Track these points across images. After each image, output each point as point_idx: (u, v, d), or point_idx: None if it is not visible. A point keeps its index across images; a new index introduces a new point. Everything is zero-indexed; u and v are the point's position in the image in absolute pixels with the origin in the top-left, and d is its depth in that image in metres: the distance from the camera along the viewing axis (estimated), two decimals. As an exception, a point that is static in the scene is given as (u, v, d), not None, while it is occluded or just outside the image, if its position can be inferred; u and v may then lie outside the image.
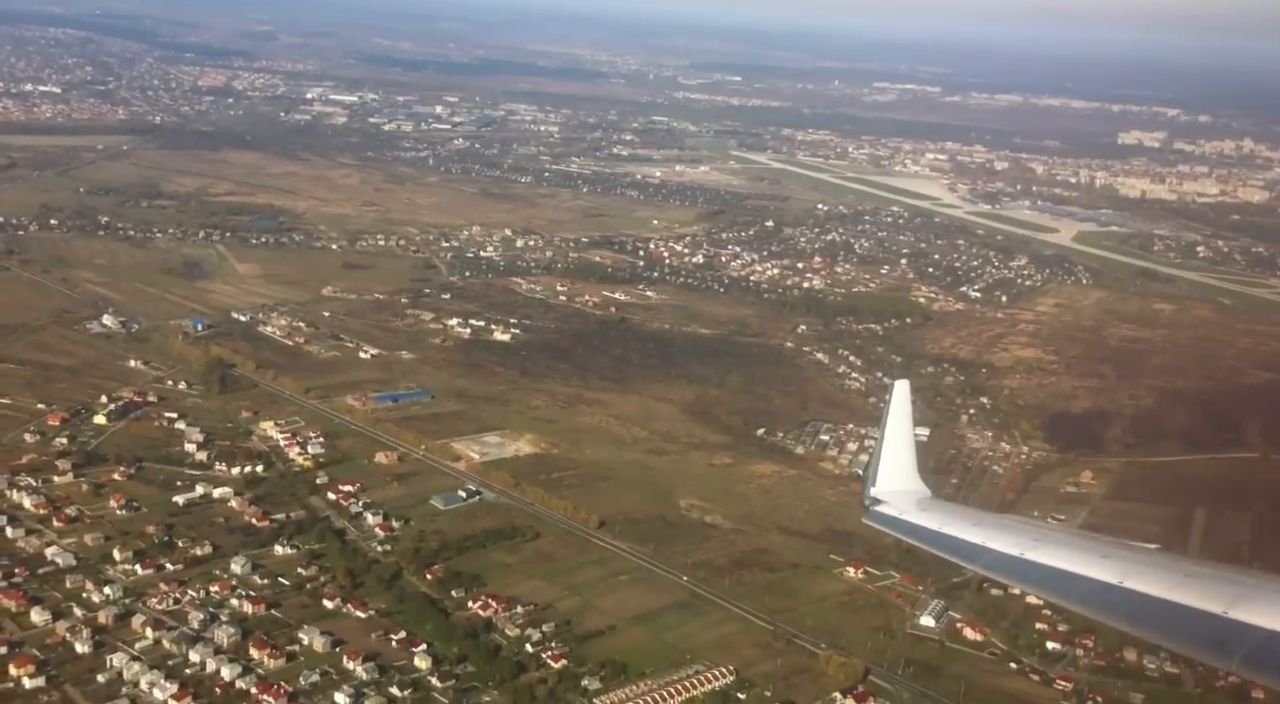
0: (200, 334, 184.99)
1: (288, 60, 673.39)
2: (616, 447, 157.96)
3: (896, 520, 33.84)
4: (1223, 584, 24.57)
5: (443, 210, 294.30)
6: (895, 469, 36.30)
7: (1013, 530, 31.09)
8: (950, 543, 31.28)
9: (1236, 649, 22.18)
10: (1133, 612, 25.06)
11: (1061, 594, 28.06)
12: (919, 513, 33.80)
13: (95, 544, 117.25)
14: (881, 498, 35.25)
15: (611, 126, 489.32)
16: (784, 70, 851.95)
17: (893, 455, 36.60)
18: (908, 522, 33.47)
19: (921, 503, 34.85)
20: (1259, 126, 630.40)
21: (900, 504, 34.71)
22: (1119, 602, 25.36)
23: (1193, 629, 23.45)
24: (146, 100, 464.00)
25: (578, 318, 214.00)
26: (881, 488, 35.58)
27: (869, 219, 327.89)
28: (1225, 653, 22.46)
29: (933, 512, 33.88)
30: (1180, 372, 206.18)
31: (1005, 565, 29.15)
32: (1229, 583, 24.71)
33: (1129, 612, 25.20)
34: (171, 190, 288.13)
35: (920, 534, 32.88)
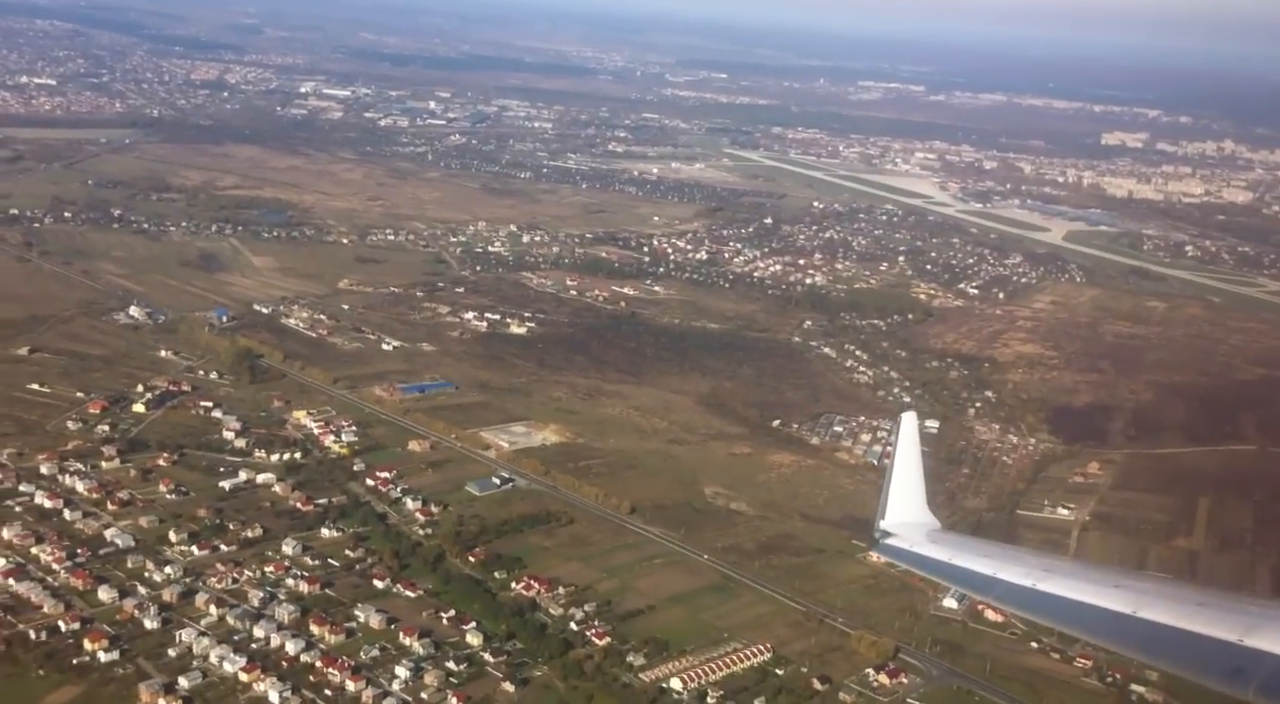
0: (225, 326, 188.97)
1: (277, 54, 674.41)
2: (638, 436, 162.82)
3: (907, 553, 34.16)
4: (1236, 612, 24.80)
5: (447, 205, 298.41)
6: (905, 502, 36.45)
7: (1023, 561, 31.42)
8: (962, 575, 31.94)
9: (1252, 677, 22.52)
10: (1147, 641, 25.41)
11: (1075, 625, 28.49)
12: (929, 545, 34.17)
13: (150, 527, 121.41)
14: (891, 530, 35.65)
15: (604, 123, 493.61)
16: (769, 68, 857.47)
17: (902, 488, 36.71)
18: (918, 554, 33.86)
19: (931, 535, 35.21)
20: (1238, 128, 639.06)
21: (910, 536, 35.04)
22: (1133, 631, 25.72)
23: (1207, 658, 23.75)
24: (142, 93, 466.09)
25: (589, 312, 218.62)
26: (891, 520, 35.94)
27: (864, 217, 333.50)
28: (1241, 681, 22.70)
29: (943, 544, 34.29)
30: (1176, 367, 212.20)
31: (1018, 597, 29.49)
32: (1242, 611, 24.92)
33: (1143, 641, 25.52)
34: (178, 184, 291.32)
35: (931, 567, 33.37)
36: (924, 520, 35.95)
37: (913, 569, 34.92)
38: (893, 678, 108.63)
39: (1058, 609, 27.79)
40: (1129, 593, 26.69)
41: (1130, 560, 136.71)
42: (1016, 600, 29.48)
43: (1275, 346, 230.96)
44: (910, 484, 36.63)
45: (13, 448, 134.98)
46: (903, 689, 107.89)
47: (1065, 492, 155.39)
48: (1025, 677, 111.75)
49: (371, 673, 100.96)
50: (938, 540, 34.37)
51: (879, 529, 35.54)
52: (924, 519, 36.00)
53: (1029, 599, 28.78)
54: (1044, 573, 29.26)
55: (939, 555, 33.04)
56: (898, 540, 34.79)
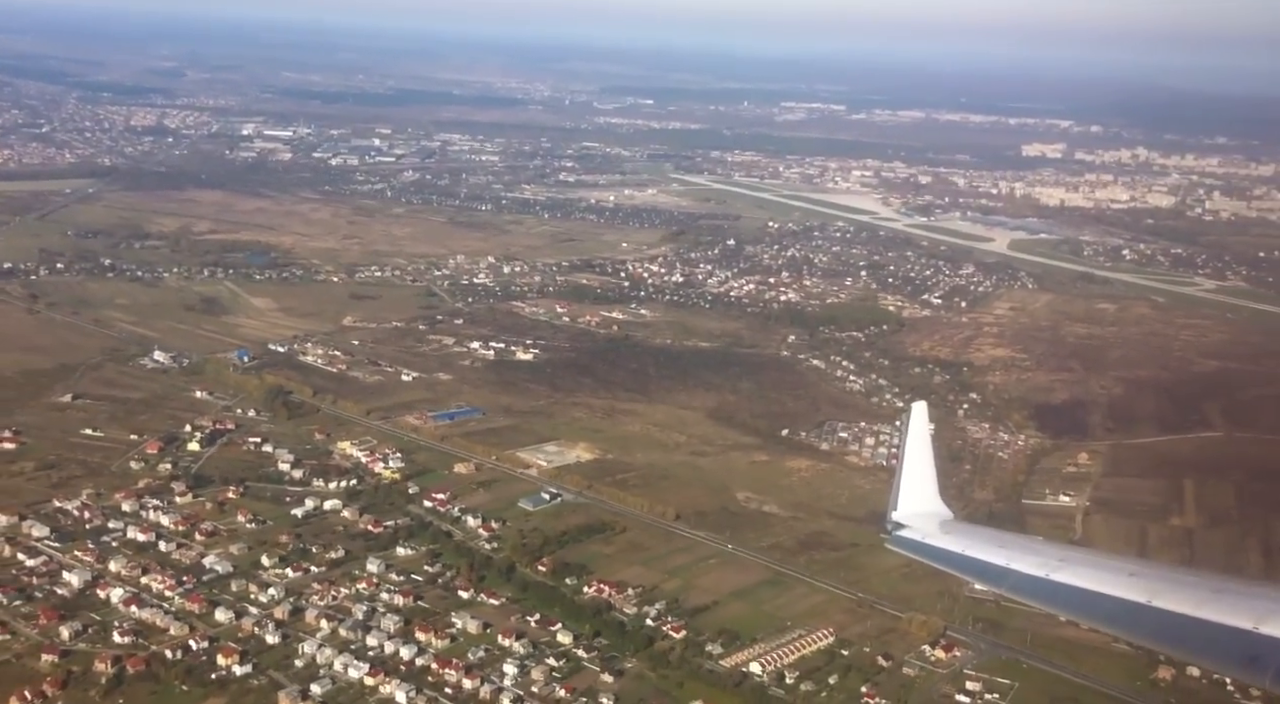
0: (248, 365, 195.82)
1: (207, 97, 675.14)
2: (663, 450, 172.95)
3: (920, 544, 33.93)
4: (1251, 600, 24.81)
5: (421, 240, 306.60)
6: (916, 492, 36.14)
7: (1036, 551, 31.45)
8: (975, 566, 31.74)
9: (1269, 665, 22.64)
10: (1162, 630, 25.51)
11: (1090, 615, 28.47)
12: (942, 536, 33.81)
13: (241, 553, 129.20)
14: (904, 521, 35.40)
15: (548, 154, 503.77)
16: (691, 92, 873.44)
17: (913, 478, 36.40)
18: (931, 545, 33.61)
19: (944, 525, 34.80)
20: (1148, 136, 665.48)
21: (923, 527, 34.65)
22: (1148, 621, 25.71)
23: (1224, 646, 23.82)
24: (87, 142, 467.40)
25: (585, 337, 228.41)
26: (903, 511, 35.62)
27: (819, 234, 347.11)
28: (1258, 669, 22.87)
29: (956, 534, 33.96)
30: (1138, 363, 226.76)
31: (1031, 587, 29.40)
32: (1258, 598, 24.94)
33: (1159, 631, 25.65)
34: (156, 230, 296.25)
35: (944, 558, 33.08)
36: (936, 510, 35.94)
37: (925, 561, 34.59)
38: (947, 652, 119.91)
39: (1072, 599, 28.13)
40: (1143, 582, 26.94)
41: (1133, 539, 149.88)
42: (1030, 591, 29.59)
43: (1223, 340, 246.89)
44: (922, 475, 36.56)
45: (89, 488, 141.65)
46: (958, 662, 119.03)
47: (1062, 481, 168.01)
48: (1062, 646, 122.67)
49: (483, 672, 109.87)
50: (950, 531, 34.35)
51: (891, 521, 35.84)
52: (936, 509, 35.99)
53: (1043, 589, 28.99)
54: (1058, 563, 29.54)
55: (952, 546, 33.07)
56: (910, 532, 34.84)
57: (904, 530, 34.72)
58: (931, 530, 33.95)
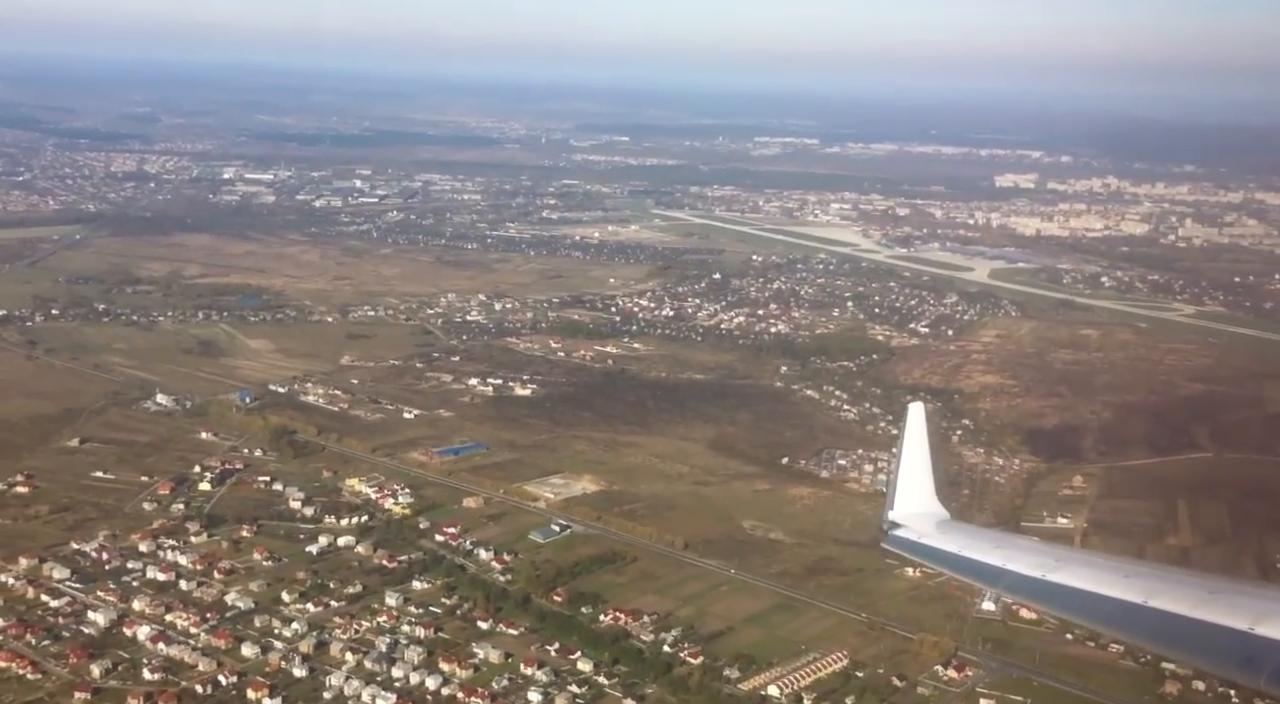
0: (250, 406, 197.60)
1: (183, 141, 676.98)
2: (666, 481, 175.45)
3: (916, 544, 34.03)
4: (1247, 602, 24.86)
5: (410, 280, 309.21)
6: (913, 492, 36.34)
7: (1033, 552, 31.55)
8: (971, 566, 31.77)
9: (1264, 666, 22.60)
10: (1158, 631, 25.60)
11: (1086, 615, 28.47)
12: (938, 536, 33.87)
13: (261, 590, 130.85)
14: (900, 521, 35.47)
15: (529, 192, 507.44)
16: (665, 128, 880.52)
17: (910, 478, 36.62)
18: (927, 545, 33.66)
19: (940, 525, 34.87)
20: (1118, 165, 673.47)
21: (919, 527, 34.70)
22: (1144, 622, 25.77)
23: (1219, 647, 23.83)
24: (69, 189, 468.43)
25: (581, 371, 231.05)
26: (900, 511, 35.70)
27: (803, 267, 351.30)
28: (1253, 670, 22.82)
29: (952, 534, 33.98)
30: (1125, 388, 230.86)
31: (1028, 587, 29.46)
32: (1253, 600, 25.02)
33: (1155, 632, 25.74)
34: (146, 275, 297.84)
35: (940, 558, 33.17)
36: (932, 511, 36.07)
37: (922, 561, 35.34)
38: (959, 672, 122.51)
39: (1069, 600, 28.14)
40: (1139, 583, 27.01)
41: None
42: (1027, 591, 29.79)
43: (1207, 364, 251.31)
44: (918, 475, 36.74)
45: (105, 530, 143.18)
46: (970, 681, 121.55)
47: (1059, 504, 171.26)
48: (1069, 664, 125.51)
49: (508, 700, 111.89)
50: (947, 531, 34.42)
51: (887, 521, 35.89)
52: (933, 510, 36.10)
53: (1039, 590, 29.08)
54: (1054, 564, 29.60)
55: (948, 547, 33.09)
56: (906, 532, 34.85)
57: (900, 530, 35.01)
58: (928, 530, 34.30)
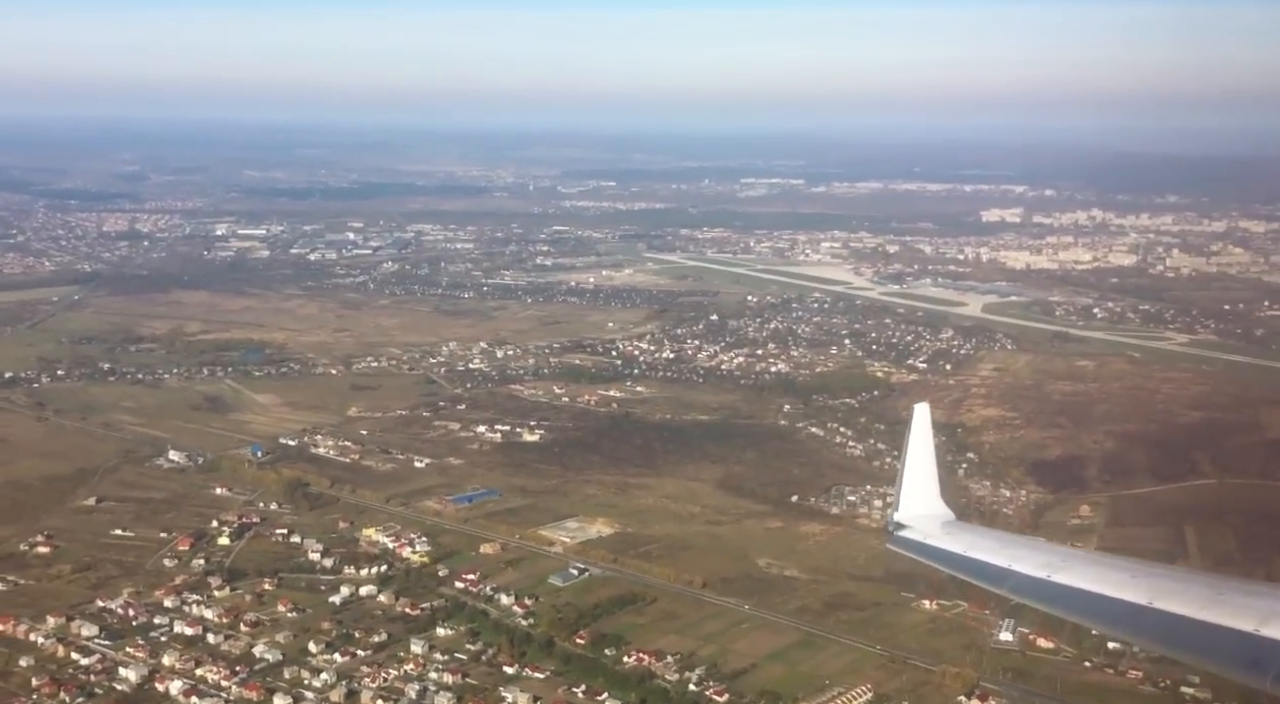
0: (263, 460, 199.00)
1: (173, 199, 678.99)
2: (679, 522, 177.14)
3: (921, 545, 34.32)
4: (1253, 602, 24.79)
5: (411, 330, 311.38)
6: (918, 493, 36.66)
7: (1038, 553, 31.71)
8: (976, 567, 31.80)
9: (1270, 667, 22.53)
10: (1164, 633, 25.47)
11: (1091, 617, 28.39)
12: (944, 537, 34.21)
13: (287, 642, 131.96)
14: (906, 522, 35.89)
15: (521, 239, 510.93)
16: (652, 172, 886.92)
17: (915, 479, 36.89)
18: (933, 546, 33.93)
19: (946, 526, 35.22)
20: (1101, 197, 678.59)
21: (925, 528, 35.04)
22: (1150, 623, 25.69)
23: (1225, 649, 23.82)
24: (63, 250, 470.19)
25: (587, 416, 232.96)
26: (905, 512, 36.14)
27: (798, 306, 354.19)
28: (1259, 672, 22.74)
29: (957, 535, 34.37)
30: (1124, 417, 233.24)
31: (1032, 589, 29.43)
32: (1259, 601, 24.90)
33: (1160, 633, 25.60)
34: (148, 333, 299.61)
35: (945, 559, 33.31)
36: (938, 512, 36.44)
37: (927, 562, 34.93)
38: (983, 702, 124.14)
39: (1073, 601, 28.18)
40: (1145, 584, 26.95)
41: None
42: (1031, 592, 29.70)
43: (1203, 391, 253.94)
44: (924, 476, 37.11)
45: (129, 587, 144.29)
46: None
47: (1069, 533, 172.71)
48: (1091, 691, 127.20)
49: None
50: (952, 532, 34.77)
51: (893, 522, 36.44)
52: (938, 511, 36.50)
53: (1044, 591, 29.10)
54: (1059, 565, 29.66)
55: (954, 547, 33.39)
56: (912, 532, 35.27)
57: (906, 531, 35.48)
58: (933, 531, 34.72)
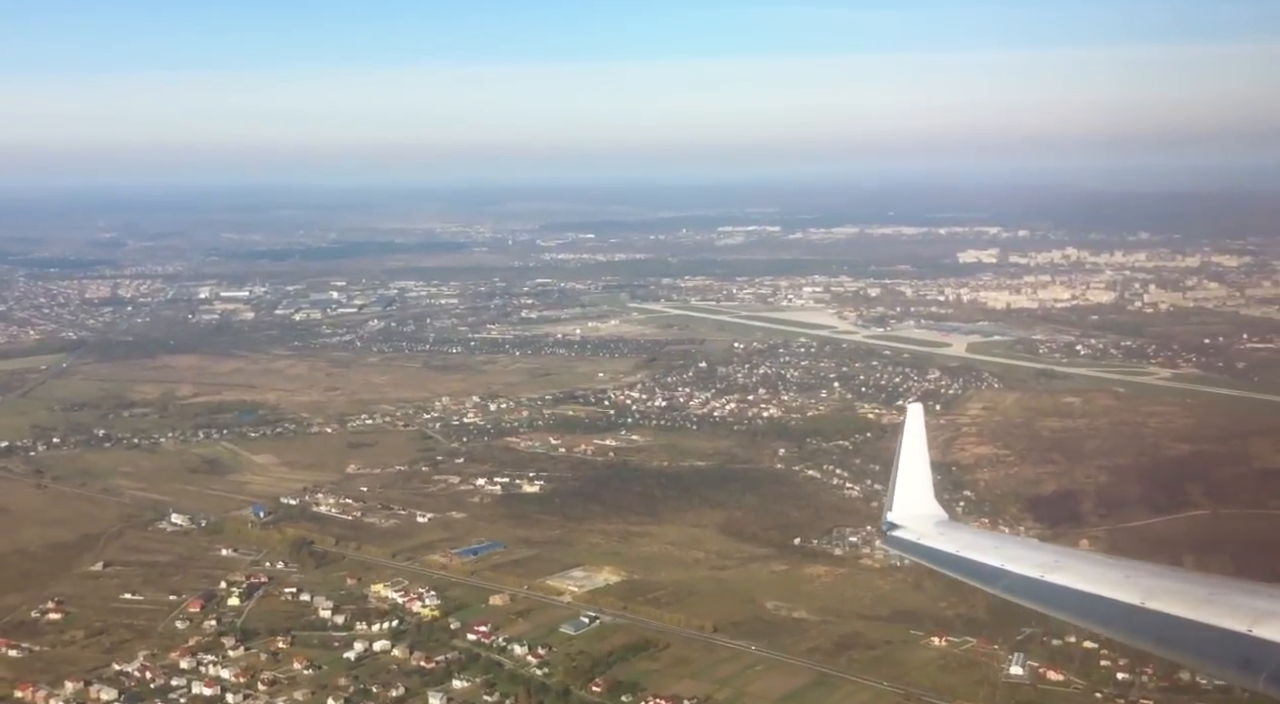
0: (265, 520, 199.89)
1: (153, 264, 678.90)
2: (684, 567, 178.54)
3: (915, 545, 34.78)
4: (1246, 603, 24.66)
5: (402, 386, 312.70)
6: (911, 493, 37.47)
7: (1031, 553, 31.89)
8: (969, 567, 32.03)
9: (1262, 668, 22.45)
10: (1156, 633, 25.40)
11: (1084, 616, 28.27)
12: (937, 537, 34.69)
13: (306, 699, 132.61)
14: (899, 522, 36.55)
15: (505, 293, 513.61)
16: (629, 224, 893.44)
17: (908, 480, 37.78)
18: (926, 546, 34.35)
19: (939, 526, 35.85)
20: (1074, 236, 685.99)
21: (918, 528, 35.57)
22: (1142, 623, 25.64)
23: (1217, 649, 23.76)
24: (46, 318, 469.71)
25: (584, 465, 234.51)
26: (898, 513, 36.85)
27: (784, 351, 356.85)
28: (1250, 672, 22.68)
29: (950, 535, 34.87)
30: (1114, 452, 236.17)
31: (1025, 588, 29.57)
32: (1252, 601, 24.77)
33: (1153, 633, 25.52)
34: (140, 398, 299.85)
35: (939, 558, 33.73)
36: (931, 512, 37.22)
37: (921, 562, 35.36)
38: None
39: (1066, 601, 28.31)
40: (1138, 584, 27.00)
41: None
42: (1025, 592, 29.75)
43: (1190, 424, 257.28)
44: (917, 475, 38.14)
45: (144, 650, 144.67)
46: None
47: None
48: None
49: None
50: (945, 532, 35.23)
51: (886, 522, 37.15)
52: (931, 511, 37.28)
53: (1037, 591, 29.21)
54: (1053, 565, 29.77)
55: (947, 547, 33.74)
56: (905, 532, 35.80)
57: (899, 531, 36.07)
58: (927, 531, 35.28)
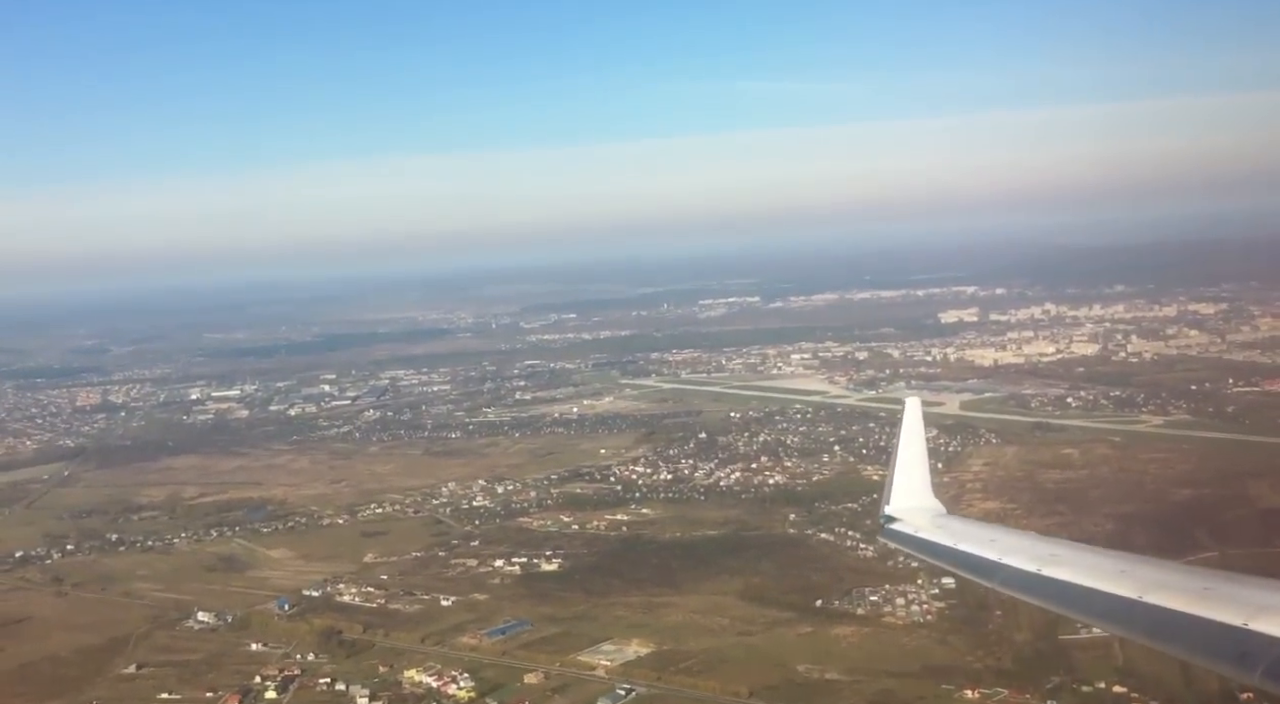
0: (290, 612, 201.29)
1: (140, 368, 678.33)
2: (712, 635, 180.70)
3: (912, 538, 34.91)
4: (1242, 597, 24.75)
5: (407, 474, 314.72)
6: (909, 486, 37.37)
7: (1028, 546, 31.93)
8: (966, 560, 32.25)
9: (1258, 662, 22.43)
10: (1153, 627, 25.53)
11: (1080, 610, 28.71)
12: (934, 530, 34.80)
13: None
14: (897, 515, 36.59)
15: (496, 376, 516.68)
16: (610, 302, 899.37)
17: (906, 472, 37.66)
18: (923, 539, 34.51)
19: (936, 519, 35.87)
20: (1050, 292, 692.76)
21: (915, 521, 35.71)
22: (1139, 617, 25.78)
23: (1213, 643, 23.75)
24: (40, 428, 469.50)
25: (599, 541, 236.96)
26: (896, 506, 36.81)
27: (781, 418, 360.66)
28: (1247, 666, 22.67)
29: (948, 528, 34.88)
30: (1119, 499, 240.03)
31: (1022, 582, 29.84)
32: (1249, 595, 24.89)
33: (1149, 627, 25.66)
34: (146, 502, 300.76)
35: (936, 552, 33.97)
36: (929, 505, 37.28)
37: (918, 555, 35.65)
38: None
39: (1063, 595, 28.40)
40: (1135, 578, 27.19)
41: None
42: (1021, 586, 30.03)
43: (1189, 469, 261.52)
44: (914, 468, 38.18)
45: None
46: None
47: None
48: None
49: None
50: (943, 525, 35.29)
51: (884, 514, 37.22)
52: (929, 504, 37.32)
53: (1034, 585, 29.39)
54: (1050, 558, 29.99)
55: (944, 540, 33.87)
56: (903, 525, 35.92)
57: (897, 524, 36.27)
58: (924, 524, 35.55)
